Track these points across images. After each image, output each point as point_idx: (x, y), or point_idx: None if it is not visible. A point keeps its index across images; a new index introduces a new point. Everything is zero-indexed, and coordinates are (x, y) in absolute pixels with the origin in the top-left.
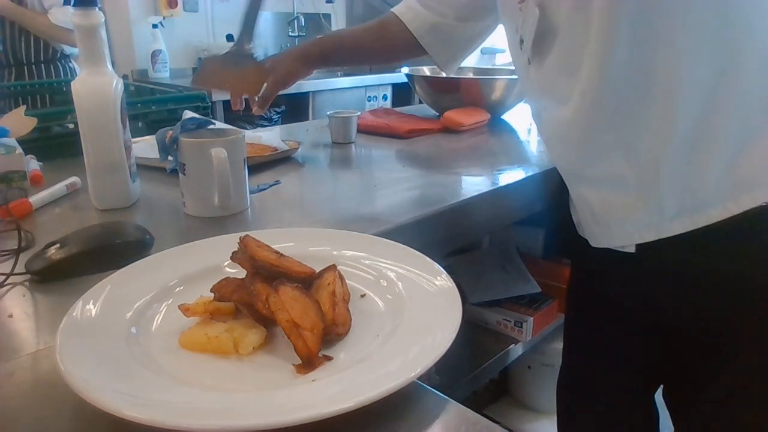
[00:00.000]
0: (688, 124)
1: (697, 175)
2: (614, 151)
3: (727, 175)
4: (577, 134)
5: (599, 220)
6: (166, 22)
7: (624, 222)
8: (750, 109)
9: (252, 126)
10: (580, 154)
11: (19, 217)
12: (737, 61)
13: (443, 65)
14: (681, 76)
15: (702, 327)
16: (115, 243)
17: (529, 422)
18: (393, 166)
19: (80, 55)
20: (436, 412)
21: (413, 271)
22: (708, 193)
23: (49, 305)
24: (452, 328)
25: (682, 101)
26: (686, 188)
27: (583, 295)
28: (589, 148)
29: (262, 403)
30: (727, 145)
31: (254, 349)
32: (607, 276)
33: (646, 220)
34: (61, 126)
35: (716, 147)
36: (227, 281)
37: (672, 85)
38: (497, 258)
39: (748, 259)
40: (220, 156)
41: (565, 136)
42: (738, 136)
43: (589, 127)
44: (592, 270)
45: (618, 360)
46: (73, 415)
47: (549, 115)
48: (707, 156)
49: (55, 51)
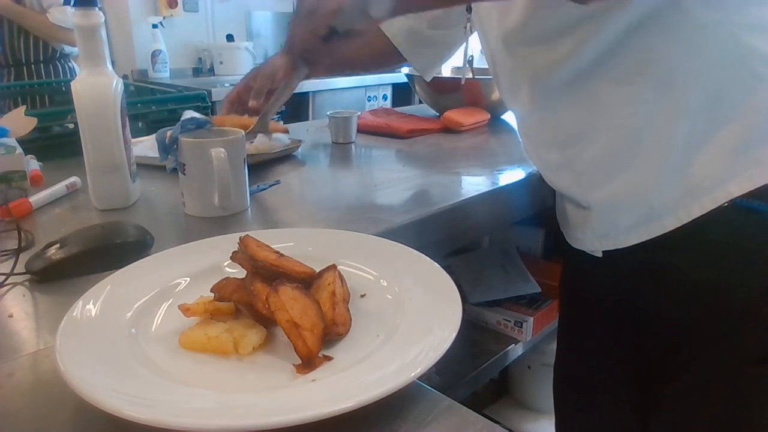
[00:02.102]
0: (631, 140)
1: (647, 188)
2: (562, 168)
3: (677, 185)
4: (531, 149)
5: (571, 224)
6: (166, 22)
7: (584, 231)
8: (694, 119)
9: None
10: (540, 166)
11: (19, 217)
12: (674, 79)
13: (422, 71)
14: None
15: (670, 324)
16: (115, 243)
17: (529, 422)
18: (393, 166)
19: (80, 55)
20: (436, 412)
21: (413, 271)
22: (660, 204)
23: (49, 305)
24: (452, 328)
25: (622, 117)
26: (637, 201)
27: (571, 293)
28: (543, 163)
29: (262, 403)
30: (675, 155)
31: (254, 349)
32: (588, 275)
33: (602, 232)
34: (61, 126)
35: (664, 158)
36: (227, 281)
37: (611, 102)
38: (497, 258)
39: (703, 259)
40: (220, 156)
41: (526, 144)
42: (685, 145)
43: (537, 144)
44: (576, 268)
45: (606, 357)
46: (73, 415)
47: (517, 121)
48: (656, 169)
49: (54, 50)
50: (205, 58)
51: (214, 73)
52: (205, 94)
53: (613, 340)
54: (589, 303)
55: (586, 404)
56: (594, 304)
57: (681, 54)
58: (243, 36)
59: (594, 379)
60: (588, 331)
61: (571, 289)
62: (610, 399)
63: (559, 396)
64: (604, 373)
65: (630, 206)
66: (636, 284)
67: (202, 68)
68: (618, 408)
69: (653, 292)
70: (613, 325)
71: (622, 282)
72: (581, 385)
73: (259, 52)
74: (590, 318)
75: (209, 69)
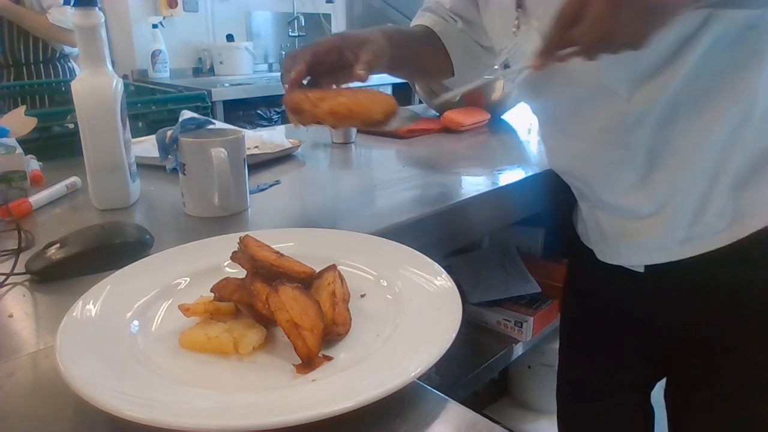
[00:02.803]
0: (708, 161)
1: (708, 203)
2: (632, 186)
3: (734, 202)
4: (593, 169)
5: (609, 240)
6: (166, 22)
7: (634, 245)
8: (759, 144)
9: (252, 126)
10: (594, 185)
11: (19, 217)
12: (754, 106)
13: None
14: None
15: (703, 328)
16: (115, 243)
17: (529, 422)
18: (393, 166)
19: (80, 55)
20: (436, 412)
21: (413, 271)
22: (717, 218)
23: (49, 305)
24: (452, 328)
25: (705, 140)
26: (697, 215)
27: (582, 296)
28: (605, 182)
29: (262, 403)
30: (737, 175)
31: (254, 349)
32: (607, 281)
33: (656, 244)
34: (61, 126)
35: (727, 178)
36: (227, 281)
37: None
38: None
39: (751, 269)
40: (220, 156)
41: (578, 168)
42: (747, 167)
43: (606, 163)
44: (591, 273)
45: (615, 360)
46: (73, 415)
47: (559, 144)
48: (720, 186)
49: (54, 51)
50: (205, 58)
51: (214, 73)
52: (205, 94)
53: (622, 342)
54: (600, 306)
55: (590, 407)
56: (606, 307)
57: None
58: (243, 36)
59: (598, 379)
60: (595, 333)
61: (580, 291)
62: (613, 399)
63: (563, 399)
64: (609, 374)
65: (690, 220)
66: (666, 293)
67: (202, 68)
68: (621, 408)
69: (687, 301)
70: (625, 327)
71: (647, 290)
72: (584, 386)
73: (259, 52)
74: (599, 320)
75: (209, 69)
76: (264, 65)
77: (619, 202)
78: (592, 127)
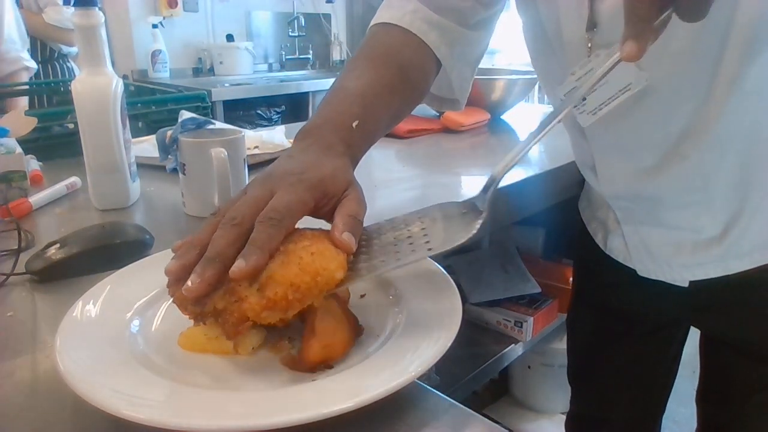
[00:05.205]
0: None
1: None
2: (696, 205)
3: None
4: (655, 192)
5: (657, 258)
6: (166, 22)
7: (688, 262)
8: None
9: (252, 126)
10: (652, 207)
11: (19, 217)
12: None
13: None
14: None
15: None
16: (115, 243)
17: (529, 422)
18: (393, 166)
19: (80, 55)
20: (436, 412)
21: (413, 270)
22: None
23: (49, 305)
24: (452, 328)
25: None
26: (759, 230)
27: (595, 302)
28: (667, 204)
29: (262, 403)
30: None
31: (254, 349)
32: (627, 287)
33: (711, 259)
34: (61, 126)
35: None
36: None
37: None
38: (497, 258)
39: None
40: (220, 156)
41: (636, 189)
42: None
43: (673, 187)
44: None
45: (630, 364)
46: (73, 415)
47: (614, 166)
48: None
49: (52, 51)
50: (205, 58)
51: (214, 73)
52: (205, 94)
53: (638, 347)
54: (618, 311)
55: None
56: (623, 313)
57: None
58: (243, 36)
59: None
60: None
61: (593, 297)
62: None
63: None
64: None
65: (751, 235)
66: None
67: (202, 68)
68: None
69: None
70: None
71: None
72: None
73: (259, 52)
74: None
75: (209, 69)
76: (264, 65)
77: (679, 221)
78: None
